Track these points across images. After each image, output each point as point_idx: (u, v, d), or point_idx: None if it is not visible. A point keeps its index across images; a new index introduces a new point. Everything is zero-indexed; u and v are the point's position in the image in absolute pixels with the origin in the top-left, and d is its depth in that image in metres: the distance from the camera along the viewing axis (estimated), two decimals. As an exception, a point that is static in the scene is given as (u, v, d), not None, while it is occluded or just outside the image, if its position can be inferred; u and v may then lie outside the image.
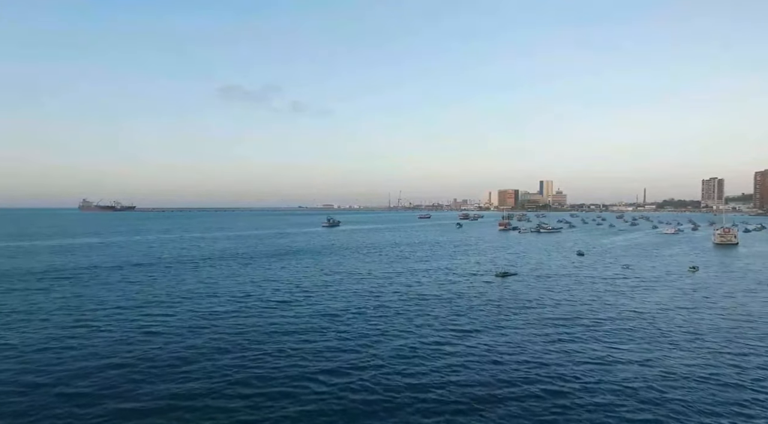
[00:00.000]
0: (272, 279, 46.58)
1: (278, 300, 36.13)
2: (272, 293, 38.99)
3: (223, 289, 40.96)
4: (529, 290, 41.30)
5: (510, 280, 46.43)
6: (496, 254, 71.57)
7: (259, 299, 36.70)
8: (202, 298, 36.91)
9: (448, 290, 40.56)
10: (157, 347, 23.99)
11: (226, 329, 27.57)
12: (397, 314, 31.91)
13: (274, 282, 44.72)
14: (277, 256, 68.11)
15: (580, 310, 33.26)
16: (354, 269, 54.20)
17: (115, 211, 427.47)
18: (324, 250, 77.85)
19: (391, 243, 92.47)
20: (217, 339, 25.43)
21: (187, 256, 67.61)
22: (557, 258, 66.25)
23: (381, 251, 76.79)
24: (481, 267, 56.03)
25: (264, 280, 45.97)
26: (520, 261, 62.42)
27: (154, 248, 79.54)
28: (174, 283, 44.12)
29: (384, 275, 49.73)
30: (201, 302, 35.17)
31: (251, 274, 50.06)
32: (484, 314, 32.00)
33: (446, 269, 53.74)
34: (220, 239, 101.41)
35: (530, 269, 54.73)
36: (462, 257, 67.08)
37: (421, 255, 69.78)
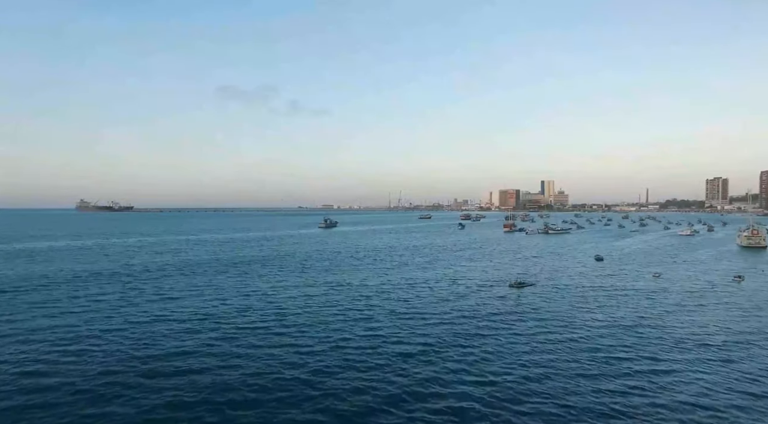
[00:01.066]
0: (244, 293, 39.27)
1: (243, 324, 28.87)
2: (238, 314, 31.73)
3: (178, 310, 33.72)
4: (552, 305, 34.11)
5: (527, 292, 39.24)
6: (505, 259, 64.30)
7: (220, 321, 29.48)
8: (144, 322, 29.69)
9: (454, 308, 33.33)
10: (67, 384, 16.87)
11: (155, 381, 20.38)
12: (389, 343, 24.71)
13: (245, 297, 37.41)
14: (260, 262, 60.74)
15: (622, 335, 26.06)
16: (343, 279, 46.89)
17: (113, 211, 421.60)
18: (314, 255, 70.31)
19: (388, 246, 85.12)
20: (140, 389, 18.27)
21: (156, 263, 60.32)
22: (574, 264, 59.02)
23: (377, 255, 69.48)
24: (490, 276, 48.78)
25: (235, 294, 38.64)
26: (534, 268, 55.20)
27: (124, 254, 72.26)
28: (117, 299, 36.89)
29: (378, 287, 42.49)
30: (136, 330, 27.92)
31: (221, 286, 42.75)
32: (500, 342, 24.77)
33: (451, 279, 46.46)
34: (204, 243, 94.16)
35: (547, 277, 47.53)
36: (467, 264, 59.80)
37: (421, 261, 62.49)
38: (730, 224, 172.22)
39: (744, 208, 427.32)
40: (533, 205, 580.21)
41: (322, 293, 39.07)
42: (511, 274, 48.88)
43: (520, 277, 45.21)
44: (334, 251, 76.53)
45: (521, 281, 42.96)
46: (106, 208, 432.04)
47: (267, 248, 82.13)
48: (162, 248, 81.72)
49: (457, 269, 54.10)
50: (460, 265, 58.31)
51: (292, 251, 76.26)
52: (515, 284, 41.82)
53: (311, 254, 71.48)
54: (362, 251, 76.81)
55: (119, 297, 37.13)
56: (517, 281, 42.68)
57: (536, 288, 41.16)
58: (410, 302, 35.29)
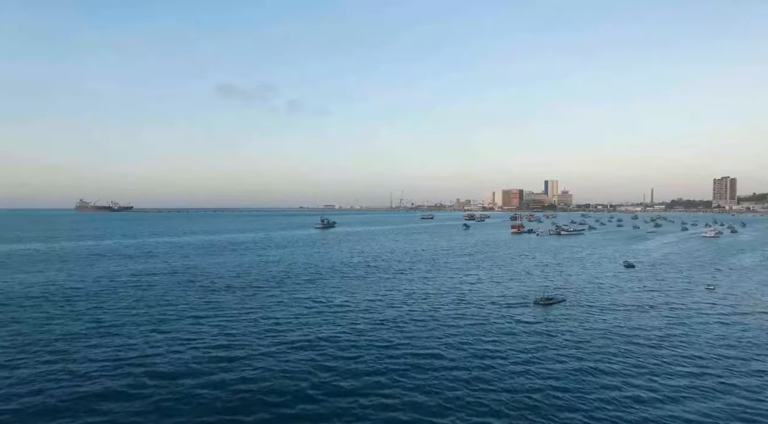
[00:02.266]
0: (207, 314, 31.10)
1: (203, 355, 20.78)
2: (192, 341, 23.66)
3: (115, 335, 25.62)
4: (593, 332, 25.96)
5: (557, 312, 31.07)
6: (520, 266, 55.94)
7: (170, 349, 21.41)
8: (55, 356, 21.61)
9: (468, 335, 25.20)
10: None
11: None
12: (381, 391, 16.56)
13: (207, 320, 29.29)
14: (231, 275, 52.23)
15: (709, 387, 17.86)
16: (330, 295, 38.58)
17: (112, 211, 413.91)
18: (301, 262, 61.64)
19: (388, 250, 76.70)
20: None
21: (120, 272, 52.37)
22: (602, 272, 50.70)
23: (374, 261, 61.16)
24: (508, 289, 40.48)
25: (199, 317, 30.52)
26: (557, 277, 46.93)
27: (90, 259, 64.30)
28: (56, 320, 28.81)
29: (372, 303, 34.32)
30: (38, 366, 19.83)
31: (182, 306, 34.63)
32: (531, 389, 16.56)
33: (459, 295, 38.15)
34: (183, 246, 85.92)
35: (576, 290, 39.27)
36: (478, 272, 51.48)
37: (424, 268, 54.20)
38: (749, 225, 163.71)
39: (753, 208, 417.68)
40: (537, 205, 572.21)
41: (295, 317, 30.86)
42: (532, 286, 40.67)
43: (546, 291, 36.88)
44: (324, 257, 67.78)
45: (549, 296, 34.72)
46: (105, 209, 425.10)
47: (249, 254, 72.85)
48: (134, 251, 73.69)
49: (467, 280, 45.74)
50: (469, 274, 49.99)
51: (276, 257, 67.74)
52: (542, 300, 33.64)
53: (297, 260, 62.64)
54: (357, 256, 68.41)
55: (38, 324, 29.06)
56: (545, 296, 34.45)
57: (567, 306, 32.99)
58: (408, 330, 27.07)
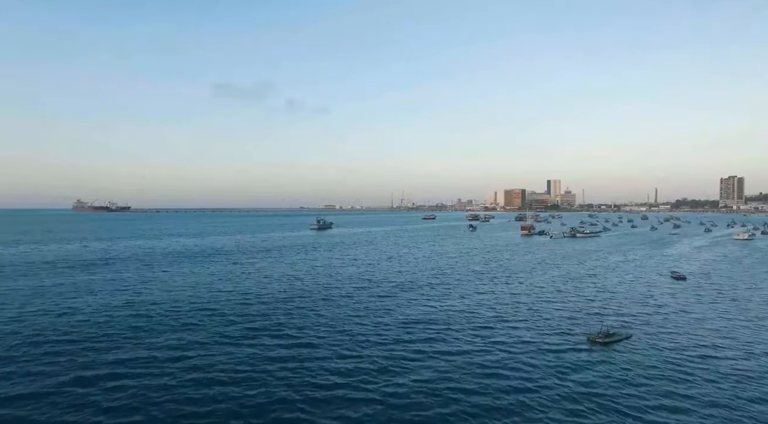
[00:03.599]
0: (125, 368, 21.44)
1: None
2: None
3: None
4: (704, 397, 16.16)
5: (626, 355, 21.44)
6: (545, 277, 45.98)
7: None
8: None
9: (500, 401, 15.47)
10: None
11: None
12: None
13: (120, 379, 19.60)
14: (183, 294, 43.00)
15: None
16: (302, 325, 28.74)
17: (110, 211, 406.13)
18: (279, 275, 50.54)
19: (386, 257, 66.22)
20: None
21: (56, 289, 42.80)
22: (652, 287, 40.73)
23: (369, 273, 50.90)
24: (541, 313, 30.54)
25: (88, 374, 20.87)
26: (597, 293, 37.15)
27: (16, 266, 54.78)
28: None
29: (355, 341, 24.50)
30: None
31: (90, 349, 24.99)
32: None
33: (478, 323, 28.24)
34: (152, 252, 76.31)
35: (634, 316, 29.48)
36: (496, 287, 41.49)
37: (428, 282, 44.10)
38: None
39: (762, 208, 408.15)
40: (540, 205, 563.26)
41: (234, 368, 21.16)
42: (573, 310, 30.88)
43: (602, 324, 26.42)
44: (310, 267, 56.32)
45: (608, 330, 24.85)
46: (102, 209, 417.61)
47: (222, 262, 61.33)
48: (84, 259, 64.03)
49: (484, 301, 35.58)
50: (485, 291, 39.97)
51: (252, 267, 57.06)
52: (600, 337, 23.85)
53: (275, 273, 51.50)
54: (349, 265, 58.03)
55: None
56: (603, 331, 24.58)
57: (637, 346, 23.28)
58: (401, 389, 17.33)
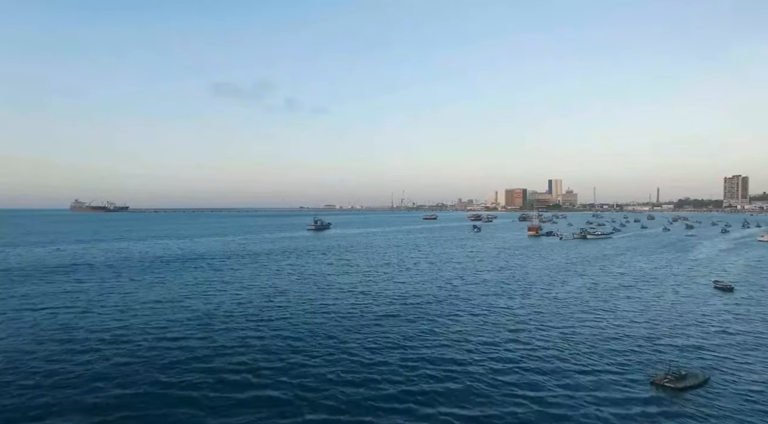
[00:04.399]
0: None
1: None
2: None
3: None
4: None
5: (707, 408, 15.61)
6: (569, 289, 39.99)
7: None
8: None
9: None
10: None
11: None
12: None
13: None
14: (155, 311, 36.97)
15: None
16: (270, 366, 22.87)
17: (108, 211, 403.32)
18: (258, 288, 43.33)
19: (384, 263, 60.03)
20: None
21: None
22: (701, 303, 34.82)
23: (363, 284, 44.73)
24: (578, 341, 24.64)
25: None
26: (638, 313, 31.25)
27: None
28: None
29: (342, 398, 18.77)
30: None
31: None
32: None
33: (494, 360, 22.45)
34: (130, 256, 70.35)
35: (700, 346, 23.67)
36: (513, 302, 35.49)
37: (433, 296, 38.20)
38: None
39: (767, 207, 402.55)
40: (541, 205, 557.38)
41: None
42: (616, 338, 24.97)
43: (671, 364, 19.98)
44: (296, 277, 49.64)
45: (680, 372, 18.87)
46: (100, 209, 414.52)
47: (201, 269, 54.27)
48: (47, 263, 58.06)
49: (503, 323, 29.50)
50: (500, 305, 34.03)
51: (229, 277, 50.65)
52: (668, 380, 18.02)
53: (254, 285, 44.25)
54: (341, 275, 51.26)
55: None
56: (674, 372, 18.63)
57: (721, 394, 17.45)
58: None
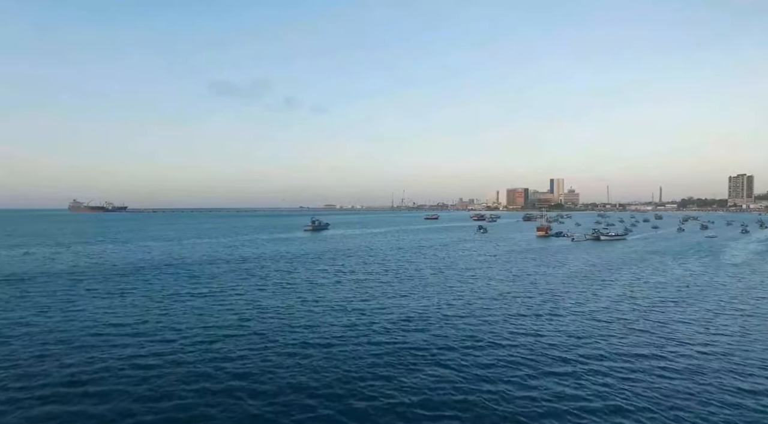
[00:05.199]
0: None
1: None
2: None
3: None
4: None
5: None
6: (604, 304, 33.63)
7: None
8: None
9: None
10: None
11: None
12: None
13: None
14: (100, 334, 30.82)
15: None
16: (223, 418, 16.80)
17: (106, 211, 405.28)
18: (236, 300, 36.72)
19: (383, 269, 52.53)
20: None
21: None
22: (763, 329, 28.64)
23: (361, 295, 38.32)
24: (633, 380, 18.08)
25: None
26: (704, 334, 24.88)
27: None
28: None
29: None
30: None
31: None
32: None
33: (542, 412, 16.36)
34: (98, 263, 64.29)
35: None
36: (539, 323, 29.07)
37: (443, 317, 31.76)
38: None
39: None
40: (543, 204, 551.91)
41: None
42: (701, 387, 18.70)
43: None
44: (286, 285, 42.69)
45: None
46: (99, 209, 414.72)
47: (184, 273, 47.12)
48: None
49: (534, 357, 23.43)
50: (525, 330, 27.58)
51: (213, 286, 45.44)
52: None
53: (243, 289, 38.57)
54: (335, 280, 44.98)
55: None
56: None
57: None
58: None
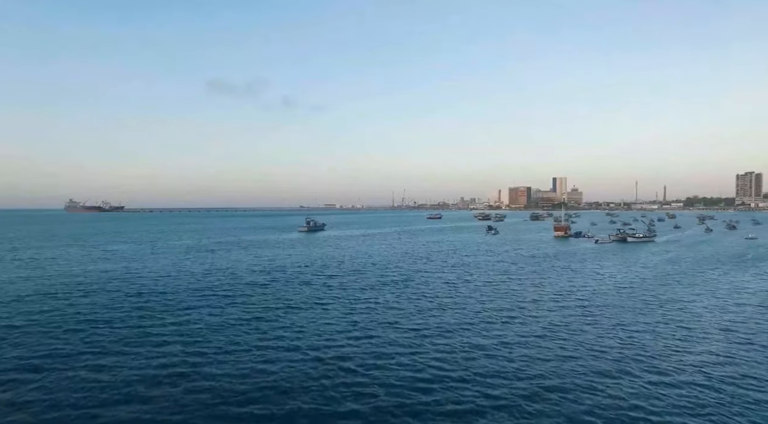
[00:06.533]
0: None
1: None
2: None
3: None
4: None
5: None
6: (700, 343, 24.64)
7: None
8: None
9: None
10: None
11: None
12: None
13: None
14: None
15: None
16: None
17: (103, 211, 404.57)
18: (184, 335, 28.52)
19: (381, 282, 42.27)
20: None
21: None
22: None
23: (351, 330, 28.94)
24: None
25: None
26: None
27: None
28: None
29: None
30: None
31: None
32: None
33: None
34: (41, 277, 55.37)
35: None
36: (623, 377, 20.18)
37: (463, 367, 22.77)
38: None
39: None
40: (546, 203, 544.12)
41: None
42: None
43: None
44: (259, 308, 33.97)
45: None
46: (95, 209, 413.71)
47: (133, 293, 39.72)
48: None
49: None
50: (607, 386, 18.80)
51: (164, 305, 36.86)
52: None
53: (199, 316, 29.72)
54: (320, 301, 35.46)
55: None
56: None
57: None
58: None
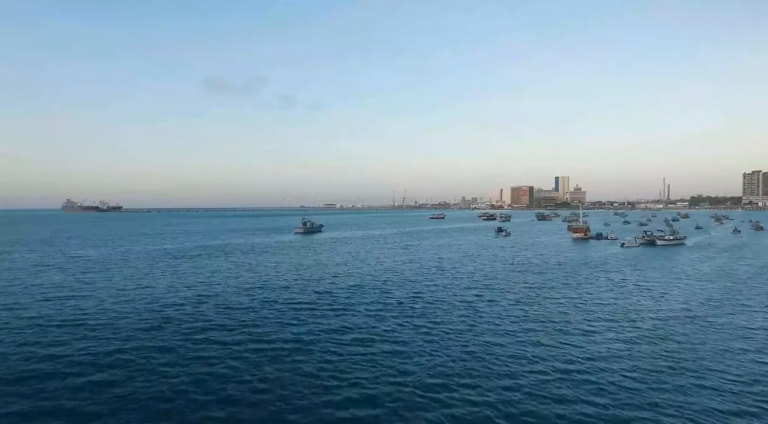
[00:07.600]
0: None
1: None
2: None
3: None
4: None
5: None
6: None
7: None
8: None
9: None
10: None
11: None
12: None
13: None
14: None
15: None
16: None
17: (101, 211, 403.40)
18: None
19: (381, 299, 34.25)
20: None
21: None
22: None
23: (340, 386, 21.52)
24: None
25: None
26: None
27: None
28: None
29: None
30: None
31: None
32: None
33: None
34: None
35: None
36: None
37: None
38: None
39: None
40: (549, 203, 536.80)
41: None
42: None
43: None
44: (228, 341, 27.57)
45: None
46: (93, 209, 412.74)
47: (78, 314, 33.67)
48: None
49: None
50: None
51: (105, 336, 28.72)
52: None
53: (147, 360, 22.39)
54: (303, 339, 27.99)
55: None
56: None
57: None
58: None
